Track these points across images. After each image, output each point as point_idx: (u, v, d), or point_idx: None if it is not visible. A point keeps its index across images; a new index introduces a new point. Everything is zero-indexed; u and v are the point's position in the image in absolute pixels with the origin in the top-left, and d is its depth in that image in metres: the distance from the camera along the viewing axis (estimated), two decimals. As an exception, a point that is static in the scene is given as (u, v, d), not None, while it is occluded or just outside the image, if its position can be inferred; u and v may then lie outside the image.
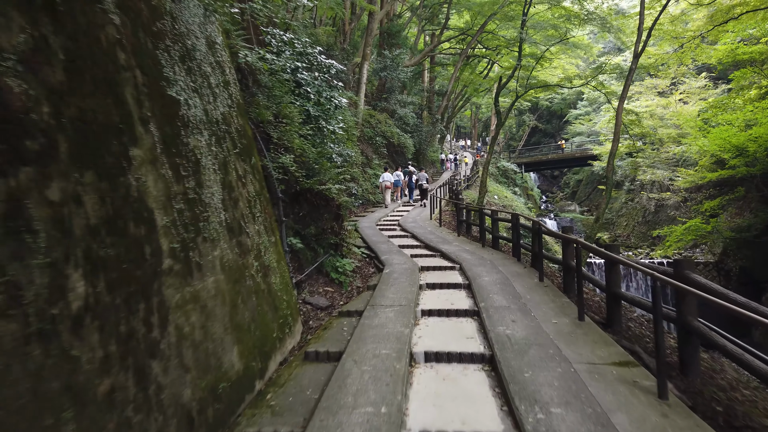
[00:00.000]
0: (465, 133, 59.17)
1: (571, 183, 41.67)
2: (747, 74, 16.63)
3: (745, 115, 14.91)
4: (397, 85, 23.96)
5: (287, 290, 5.13)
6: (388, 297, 5.21)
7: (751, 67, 16.29)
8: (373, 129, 20.85)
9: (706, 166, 17.58)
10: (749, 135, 14.30)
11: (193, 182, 3.55)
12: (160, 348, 2.75)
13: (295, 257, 6.07)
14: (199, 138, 3.86)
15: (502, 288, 5.39)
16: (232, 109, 4.98)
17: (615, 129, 12.14)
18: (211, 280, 3.50)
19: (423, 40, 32.47)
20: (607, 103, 27.72)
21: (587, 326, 4.03)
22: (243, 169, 4.85)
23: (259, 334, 4.09)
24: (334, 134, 8.31)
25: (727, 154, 15.34)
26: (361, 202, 17.09)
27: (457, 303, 5.07)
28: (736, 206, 17.45)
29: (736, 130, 14.79)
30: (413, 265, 7.01)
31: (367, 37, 19.85)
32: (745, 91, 17.16)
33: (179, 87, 3.67)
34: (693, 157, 18.74)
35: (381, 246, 8.79)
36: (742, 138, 14.34)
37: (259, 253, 4.61)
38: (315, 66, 8.31)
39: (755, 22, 16.41)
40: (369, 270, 7.50)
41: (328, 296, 6.00)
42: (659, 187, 25.64)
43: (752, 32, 16.90)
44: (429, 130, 27.14)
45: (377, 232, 10.84)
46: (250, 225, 4.58)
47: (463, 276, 6.38)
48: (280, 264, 5.17)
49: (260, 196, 5.11)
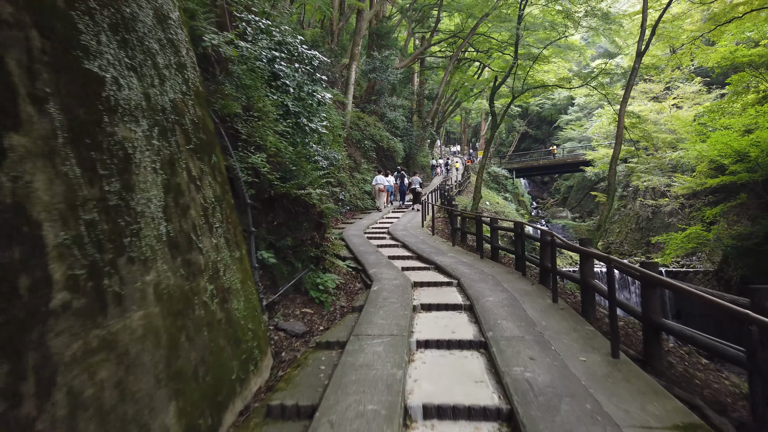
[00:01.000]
0: (455, 138, 58.81)
1: (561, 189, 41.33)
2: (745, 78, 16.24)
3: (746, 119, 14.43)
4: (386, 88, 23.22)
5: (254, 316, 4.25)
6: (375, 323, 4.36)
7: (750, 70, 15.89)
8: (361, 132, 20.03)
9: (704, 172, 17.11)
10: (751, 140, 13.81)
11: (117, 184, 2.67)
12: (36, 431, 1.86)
13: (267, 274, 5.19)
14: (133, 128, 2.97)
15: (511, 311, 4.57)
16: (188, 97, 4.09)
17: (617, 131, 11.51)
18: (139, 315, 2.62)
19: (413, 44, 31.87)
20: (606, 105, 27.33)
21: (624, 366, 3.23)
22: (199, 170, 3.96)
23: (212, 379, 3.20)
24: (316, 133, 7.46)
25: (727, 159, 14.84)
26: (349, 208, 16.24)
27: (459, 331, 4.23)
28: (734, 213, 16.98)
29: (736, 135, 14.31)
30: (405, 281, 6.17)
31: (355, 36, 19.08)
32: (743, 96, 16.77)
33: (105, 61, 2.79)
34: (690, 163, 18.28)
35: (369, 257, 7.93)
36: (744, 143, 13.85)
37: (216, 273, 3.72)
38: (296, 57, 7.47)
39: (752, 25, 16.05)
40: (355, 286, 6.63)
41: (306, 319, 5.12)
42: (653, 194, 25.28)
43: (750, 35, 16.54)
44: (419, 134, 26.43)
45: (365, 241, 9.99)
46: (204, 238, 3.69)
47: (463, 295, 5.56)
48: (246, 285, 4.29)
49: (222, 202, 4.23)
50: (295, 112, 6.98)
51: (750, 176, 14.09)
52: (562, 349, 3.54)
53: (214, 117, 4.86)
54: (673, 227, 22.76)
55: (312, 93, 7.35)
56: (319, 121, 7.62)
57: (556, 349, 3.56)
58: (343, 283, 6.42)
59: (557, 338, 3.78)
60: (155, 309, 2.79)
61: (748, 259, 15.29)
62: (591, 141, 31.15)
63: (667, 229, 23.72)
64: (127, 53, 3.08)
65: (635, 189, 27.10)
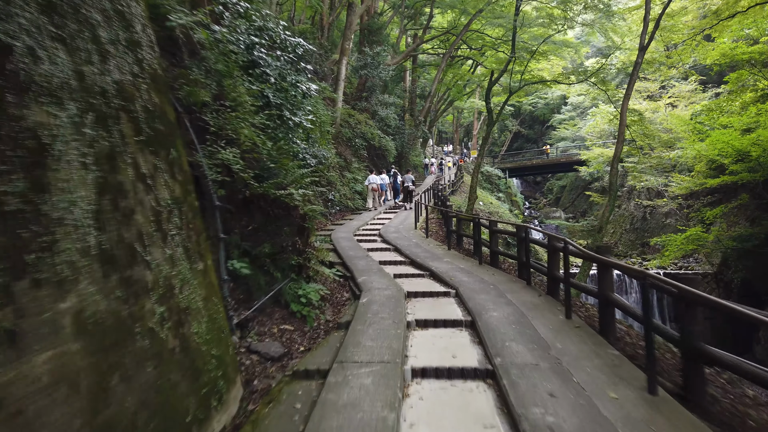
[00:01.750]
0: (447, 138, 58.39)
1: (554, 189, 41.06)
2: (744, 75, 15.89)
3: (746, 118, 14.05)
4: (378, 85, 22.59)
5: (220, 339, 3.61)
6: (364, 345, 3.74)
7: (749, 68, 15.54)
8: (352, 129, 19.37)
9: (703, 172, 16.75)
10: (752, 139, 13.44)
11: (21, 183, 2.03)
12: None
13: (240, 287, 4.55)
14: (53, 112, 2.31)
15: (520, 329, 3.98)
16: (141, 79, 3.44)
17: (619, 129, 11.03)
18: (45, 357, 1.97)
19: (404, 42, 31.29)
20: (601, 104, 27.04)
21: (665, 406, 2.65)
22: (151, 166, 3.32)
23: (157, 425, 2.56)
24: (301, 128, 6.82)
25: (728, 159, 14.47)
26: (339, 209, 15.60)
27: (462, 355, 3.63)
28: (733, 214, 16.65)
29: (737, 134, 13.94)
30: (397, 291, 5.55)
31: (346, 31, 18.42)
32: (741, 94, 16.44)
33: (15, 26, 2.14)
34: (688, 163, 17.93)
35: (358, 263, 7.31)
36: (746, 142, 13.47)
37: (169, 291, 3.08)
38: (278, 44, 6.82)
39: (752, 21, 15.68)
40: (342, 296, 6.01)
41: (285, 338, 4.49)
42: (647, 194, 24.97)
43: (749, 32, 16.19)
44: (411, 132, 25.85)
45: (355, 244, 9.36)
46: (154, 249, 3.05)
47: (463, 307, 4.96)
48: (211, 302, 3.65)
49: (182, 204, 3.58)
50: (276, 104, 6.33)
51: (751, 176, 13.72)
52: (586, 382, 2.95)
53: (178, 105, 4.22)
54: (669, 228, 22.45)
55: (296, 83, 6.71)
56: (304, 115, 6.98)
57: (579, 381, 2.97)
58: (329, 293, 5.78)
59: (578, 366, 3.20)
60: (74, 345, 2.14)
61: (747, 262, 14.95)
62: (584, 140, 30.83)
63: (662, 230, 23.40)
64: (52, 20, 2.42)
65: (630, 189, 26.80)
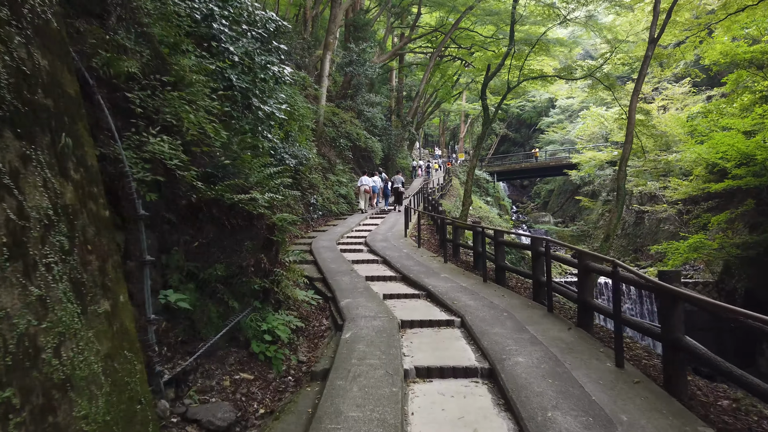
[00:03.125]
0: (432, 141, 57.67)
1: (542, 193, 40.51)
2: (743, 75, 15.30)
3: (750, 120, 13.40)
4: (364, 83, 21.48)
5: (132, 416, 2.45)
6: (346, 417, 2.61)
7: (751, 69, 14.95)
8: (336, 129, 18.21)
9: (702, 176, 16.10)
10: (758, 141, 12.77)
11: None
12: None
13: (179, 325, 3.38)
14: None
15: (561, 387, 2.90)
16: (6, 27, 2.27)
17: (627, 129, 10.15)
18: None
19: (391, 41, 30.26)
20: (592, 106, 26.44)
21: None
22: (18, 158, 2.16)
23: None
24: (272, 119, 5.67)
25: (730, 162, 13.80)
26: (322, 214, 14.41)
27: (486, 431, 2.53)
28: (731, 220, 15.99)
29: (742, 136, 13.27)
30: (389, 320, 4.44)
31: (330, 24, 17.29)
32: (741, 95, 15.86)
33: None
34: (685, 166, 17.28)
35: (341, 280, 6.18)
36: (752, 145, 12.78)
37: (30, 357, 1.91)
38: (245, 19, 5.67)
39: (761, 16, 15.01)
40: (321, 324, 4.87)
41: (241, 394, 3.34)
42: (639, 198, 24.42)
43: (749, 31, 15.63)
44: (398, 133, 24.81)
45: (338, 255, 8.22)
46: (2, 291, 1.88)
47: (474, 346, 3.88)
48: (119, 359, 2.48)
49: (75, 215, 2.41)
50: (241, 88, 5.17)
51: (758, 180, 13.04)
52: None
53: (89, 76, 3.06)
54: (664, 233, 21.84)
55: (266, 66, 5.56)
56: (277, 104, 5.83)
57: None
58: (304, 323, 4.63)
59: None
60: None
61: (750, 270, 14.29)
62: (574, 144, 30.25)
63: (655, 236, 22.81)
64: None
65: (621, 193, 26.22)
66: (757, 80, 15.05)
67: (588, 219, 29.01)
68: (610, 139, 25.02)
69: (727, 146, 13.19)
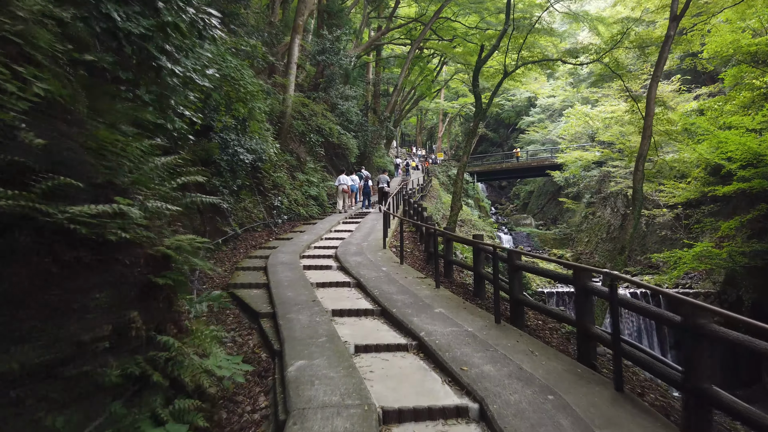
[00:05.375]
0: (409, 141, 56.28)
1: (521, 194, 39.54)
2: (743, 70, 14.29)
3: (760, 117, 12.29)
4: (338, 74, 19.60)
5: None
6: None
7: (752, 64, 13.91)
8: (306, 122, 16.28)
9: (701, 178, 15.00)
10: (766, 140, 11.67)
11: None
12: None
13: None
14: None
15: None
16: None
17: (645, 121, 8.73)
18: None
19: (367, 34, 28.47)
20: (577, 104, 25.32)
21: None
22: None
23: None
24: (191, 86, 3.82)
25: (735, 163, 12.69)
26: (288, 218, 12.49)
27: None
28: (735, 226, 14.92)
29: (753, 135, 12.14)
30: (363, 411, 2.69)
31: (300, 4, 15.35)
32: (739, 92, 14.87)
33: None
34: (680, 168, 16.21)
35: (297, 319, 4.38)
36: (764, 144, 11.65)
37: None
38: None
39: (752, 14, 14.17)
40: (254, 408, 3.08)
41: None
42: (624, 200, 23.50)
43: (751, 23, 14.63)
44: (375, 130, 23.04)
45: (299, 276, 6.39)
46: None
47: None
48: None
49: None
50: (136, 34, 3.30)
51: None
52: None
53: None
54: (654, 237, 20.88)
55: (180, 8, 3.69)
56: (199, 68, 3.98)
57: None
58: (215, 423, 2.81)
59: None
60: None
61: (756, 280, 13.23)
62: (556, 144, 29.23)
63: (643, 240, 21.86)
64: None
65: (605, 196, 25.28)
66: (757, 75, 14.06)
67: (571, 222, 27.97)
68: (596, 139, 23.98)
69: (737, 145, 12.04)
